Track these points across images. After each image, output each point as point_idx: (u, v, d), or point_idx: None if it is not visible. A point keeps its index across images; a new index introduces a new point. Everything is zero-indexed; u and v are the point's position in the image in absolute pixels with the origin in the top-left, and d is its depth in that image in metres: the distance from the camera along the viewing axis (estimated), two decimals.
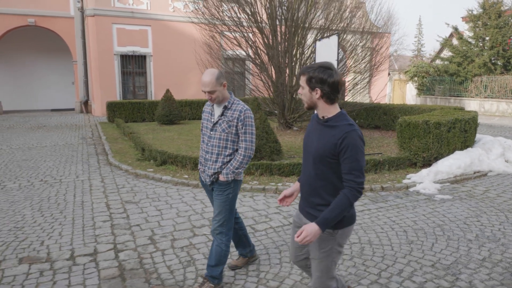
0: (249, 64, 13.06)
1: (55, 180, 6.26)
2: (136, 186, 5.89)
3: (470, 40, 21.05)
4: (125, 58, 16.93)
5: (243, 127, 2.85)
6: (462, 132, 6.98)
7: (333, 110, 2.04)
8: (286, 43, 10.53)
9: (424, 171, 6.14)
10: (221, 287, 3.03)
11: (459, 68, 20.80)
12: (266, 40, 10.68)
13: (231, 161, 2.88)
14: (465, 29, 21.96)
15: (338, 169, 2.01)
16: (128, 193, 5.55)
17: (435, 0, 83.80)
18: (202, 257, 3.54)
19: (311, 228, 1.96)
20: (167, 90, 13.41)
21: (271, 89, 11.07)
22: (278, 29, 10.68)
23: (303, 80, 2.05)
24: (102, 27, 16.11)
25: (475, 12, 20.69)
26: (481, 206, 4.98)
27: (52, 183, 6.07)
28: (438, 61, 24.16)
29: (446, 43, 22.46)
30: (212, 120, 2.92)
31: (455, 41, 22.57)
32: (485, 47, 20.32)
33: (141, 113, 14.56)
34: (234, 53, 11.87)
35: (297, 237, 1.96)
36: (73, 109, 20.18)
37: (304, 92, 2.06)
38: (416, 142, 6.56)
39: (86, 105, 18.71)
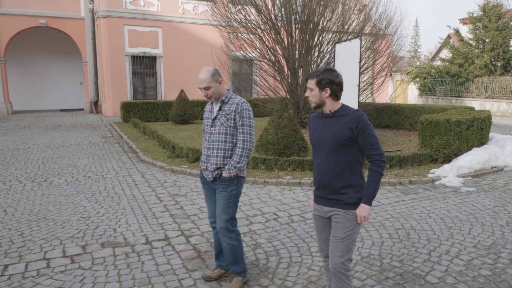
0: (258, 65, 13.42)
1: (97, 176, 6.59)
2: (177, 181, 6.23)
3: (470, 42, 21.61)
4: (136, 59, 17.24)
5: (241, 119, 2.85)
6: (479, 130, 7.43)
7: (337, 105, 2.37)
8: (302, 44, 10.91)
9: (447, 166, 6.55)
10: (248, 279, 3.15)
11: (460, 69, 21.35)
12: (282, 43, 11.06)
13: (232, 156, 2.88)
14: (466, 31, 22.53)
15: (354, 150, 2.33)
16: (172, 187, 5.90)
17: (431, 2, 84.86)
18: (265, 241, 3.91)
19: (362, 208, 2.32)
20: (181, 91, 13.73)
21: (286, 89, 11.46)
22: (293, 30, 11.06)
23: (312, 83, 2.33)
24: (114, 28, 16.41)
25: (475, 15, 21.25)
26: (505, 197, 5.40)
27: (96, 179, 6.40)
28: (438, 62, 24.69)
29: (446, 45, 23.03)
30: (212, 116, 2.97)
31: (452, 43, 23.13)
32: (485, 49, 20.89)
33: (154, 113, 14.89)
34: (249, 54, 12.23)
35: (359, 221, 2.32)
36: (82, 109, 20.44)
37: (313, 94, 2.34)
38: (437, 139, 6.97)
39: (96, 105, 18.98)
